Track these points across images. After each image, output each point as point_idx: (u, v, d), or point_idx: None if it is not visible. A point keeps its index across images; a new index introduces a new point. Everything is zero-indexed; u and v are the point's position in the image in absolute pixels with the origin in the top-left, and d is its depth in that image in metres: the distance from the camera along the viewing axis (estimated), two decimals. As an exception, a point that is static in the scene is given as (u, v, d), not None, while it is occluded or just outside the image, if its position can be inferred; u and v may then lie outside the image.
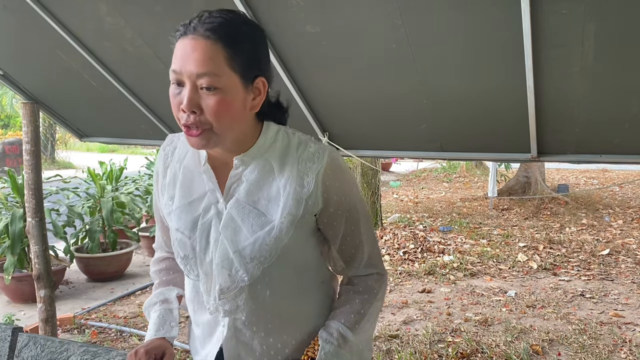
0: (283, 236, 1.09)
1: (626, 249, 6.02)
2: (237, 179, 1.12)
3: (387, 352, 3.52)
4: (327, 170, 1.10)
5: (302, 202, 1.09)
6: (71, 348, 1.47)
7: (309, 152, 1.11)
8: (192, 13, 1.05)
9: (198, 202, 1.15)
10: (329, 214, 1.14)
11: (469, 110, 2.21)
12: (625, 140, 2.04)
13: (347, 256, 1.21)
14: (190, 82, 1.00)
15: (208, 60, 0.98)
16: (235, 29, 1.01)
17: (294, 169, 1.10)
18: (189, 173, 1.17)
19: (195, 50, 0.99)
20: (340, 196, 1.14)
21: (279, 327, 1.17)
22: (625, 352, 3.47)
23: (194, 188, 1.16)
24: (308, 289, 1.22)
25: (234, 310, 1.15)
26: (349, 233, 1.18)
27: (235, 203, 1.11)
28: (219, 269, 1.12)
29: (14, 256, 4.32)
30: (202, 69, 0.98)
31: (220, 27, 1.00)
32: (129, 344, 3.71)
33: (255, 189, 1.11)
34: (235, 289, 1.12)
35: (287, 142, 1.13)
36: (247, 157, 1.11)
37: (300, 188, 1.09)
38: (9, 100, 17.72)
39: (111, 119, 3.19)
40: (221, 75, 0.99)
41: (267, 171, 1.11)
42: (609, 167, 12.38)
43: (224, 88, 0.99)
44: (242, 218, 1.10)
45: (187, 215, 1.15)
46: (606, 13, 1.62)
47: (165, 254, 1.38)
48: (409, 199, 9.72)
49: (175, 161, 1.20)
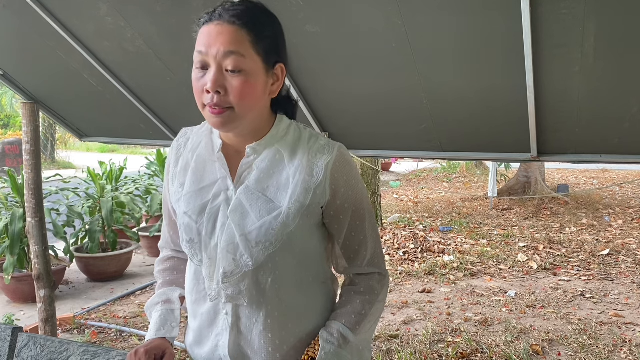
0: (290, 222, 1.11)
1: (626, 249, 6.02)
2: (248, 167, 1.15)
3: (387, 352, 3.52)
4: (337, 162, 1.14)
5: (311, 191, 1.13)
6: (71, 348, 1.46)
7: (320, 144, 1.16)
8: (192, 13, 1.05)
9: (208, 188, 1.18)
10: (336, 207, 1.17)
11: (469, 110, 2.20)
12: (625, 140, 2.04)
13: (350, 253, 1.22)
14: (215, 63, 1.04)
15: (234, 41, 1.04)
16: (258, 17, 1.08)
17: (305, 159, 1.14)
18: (202, 161, 1.20)
19: (221, 34, 1.04)
20: (348, 189, 1.17)
21: (278, 322, 1.17)
22: (625, 352, 3.47)
23: (205, 175, 1.19)
24: (309, 285, 1.22)
25: (236, 295, 1.15)
26: (353, 228, 1.20)
27: (245, 189, 1.14)
28: (224, 253, 1.13)
29: (14, 256, 4.32)
30: (229, 47, 1.03)
31: (244, 14, 1.06)
32: (129, 344, 3.71)
33: (265, 177, 1.14)
34: (239, 273, 1.13)
35: (299, 134, 1.18)
36: (260, 146, 1.15)
37: (309, 177, 1.13)
38: (9, 100, 17.73)
39: (111, 119, 3.19)
40: (247, 57, 1.04)
41: (278, 160, 1.15)
42: (609, 167, 12.38)
43: (248, 70, 1.05)
44: (251, 203, 1.13)
45: (197, 200, 1.18)
46: (606, 13, 1.62)
47: (170, 253, 1.39)
48: (409, 199, 9.73)
49: (188, 151, 1.24)
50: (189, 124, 1.33)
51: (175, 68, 2.47)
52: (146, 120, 2.97)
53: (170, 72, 2.50)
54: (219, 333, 1.20)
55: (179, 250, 1.35)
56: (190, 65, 1.09)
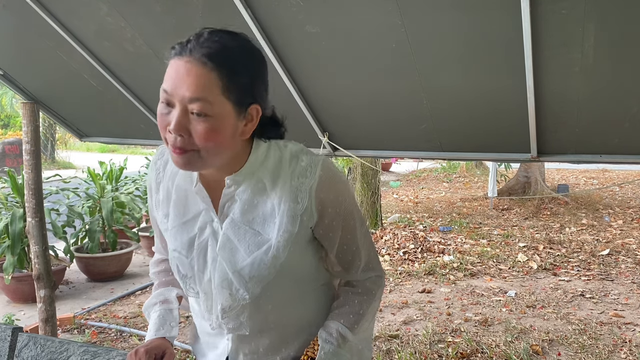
0: (280, 254, 1.09)
1: (626, 249, 6.02)
2: (230, 198, 1.11)
3: (387, 352, 3.52)
4: (321, 183, 1.08)
5: (297, 218, 1.08)
6: (71, 348, 1.47)
7: (301, 166, 1.09)
8: (191, 13, 1.04)
9: (193, 221, 1.14)
10: (325, 225, 1.13)
11: (469, 110, 2.21)
12: (625, 140, 2.04)
13: (344, 263, 1.20)
14: (181, 105, 0.96)
15: (202, 87, 0.95)
16: (233, 58, 0.98)
17: (287, 185, 1.08)
18: (182, 192, 1.15)
19: (189, 75, 0.95)
20: (335, 207, 1.12)
21: (280, 340, 1.19)
22: (625, 352, 3.47)
23: (188, 207, 1.15)
24: (309, 294, 1.23)
25: (237, 327, 1.16)
26: (345, 241, 1.17)
27: (231, 223, 1.10)
28: (219, 289, 1.12)
29: (14, 256, 4.32)
30: (195, 94, 0.95)
31: (217, 55, 0.96)
32: (129, 344, 3.71)
33: (250, 208, 1.10)
34: (237, 307, 1.13)
35: (279, 156, 1.11)
36: (239, 177, 1.09)
37: (294, 204, 1.08)
38: (9, 100, 17.73)
39: (111, 119, 3.19)
40: (214, 103, 0.96)
41: (260, 189, 1.10)
42: (609, 167, 12.37)
43: (215, 115, 0.96)
44: (239, 238, 1.10)
45: (183, 235, 1.15)
46: (606, 13, 1.62)
47: (164, 256, 1.38)
48: (409, 199, 9.72)
49: (168, 178, 1.18)
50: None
51: (175, 68, 2.46)
52: (146, 121, 2.97)
53: (170, 72, 2.49)
54: (220, 354, 1.22)
55: None
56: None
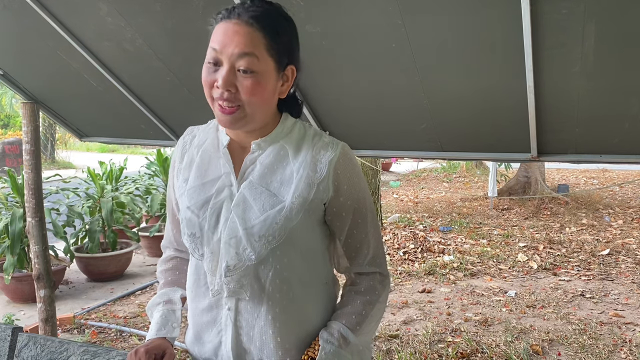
0: (293, 216, 1.13)
1: (626, 249, 6.02)
2: (252, 163, 1.17)
3: (387, 352, 3.52)
4: (340, 159, 1.17)
5: (314, 186, 1.14)
6: (71, 348, 1.47)
7: (324, 141, 1.18)
8: (191, 13, 1.05)
9: (212, 183, 1.19)
10: (338, 204, 1.18)
11: (469, 110, 2.21)
12: (625, 140, 2.04)
13: (351, 251, 1.23)
14: (229, 62, 1.06)
15: (249, 44, 1.05)
16: (275, 20, 1.10)
17: (309, 155, 1.16)
18: (206, 156, 1.22)
19: (238, 33, 1.06)
20: (350, 187, 1.18)
21: (279, 319, 1.17)
22: (625, 352, 3.47)
23: (209, 170, 1.21)
24: (310, 284, 1.22)
25: (238, 289, 1.15)
26: (355, 226, 1.21)
27: (249, 184, 1.16)
28: (227, 247, 1.14)
29: (14, 256, 4.32)
30: (243, 49, 1.05)
31: (262, 17, 1.07)
32: (129, 344, 3.71)
33: (269, 172, 1.16)
34: (242, 267, 1.14)
35: (304, 132, 1.21)
36: (265, 142, 1.17)
37: (313, 173, 1.15)
38: (9, 100, 17.72)
39: (111, 119, 3.19)
40: (260, 59, 1.06)
41: (282, 156, 1.17)
42: (609, 167, 12.38)
43: (260, 72, 1.07)
44: (254, 197, 1.14)
45: (200, 194, 1.19)
46: (606, 13, 1.62)
47: (173, 252, 1.40)
48: (409, 199, 9.72)
49: (194, 147, 1.26)
50: (189, 123, 1.33)
51: (175, 68, 2.46)
52: (146, 120, 2.97)
53: (170, 72, 2.50)
54: (222, 330, 1.20)
55: (182, 249, 1.36)
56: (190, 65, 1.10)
